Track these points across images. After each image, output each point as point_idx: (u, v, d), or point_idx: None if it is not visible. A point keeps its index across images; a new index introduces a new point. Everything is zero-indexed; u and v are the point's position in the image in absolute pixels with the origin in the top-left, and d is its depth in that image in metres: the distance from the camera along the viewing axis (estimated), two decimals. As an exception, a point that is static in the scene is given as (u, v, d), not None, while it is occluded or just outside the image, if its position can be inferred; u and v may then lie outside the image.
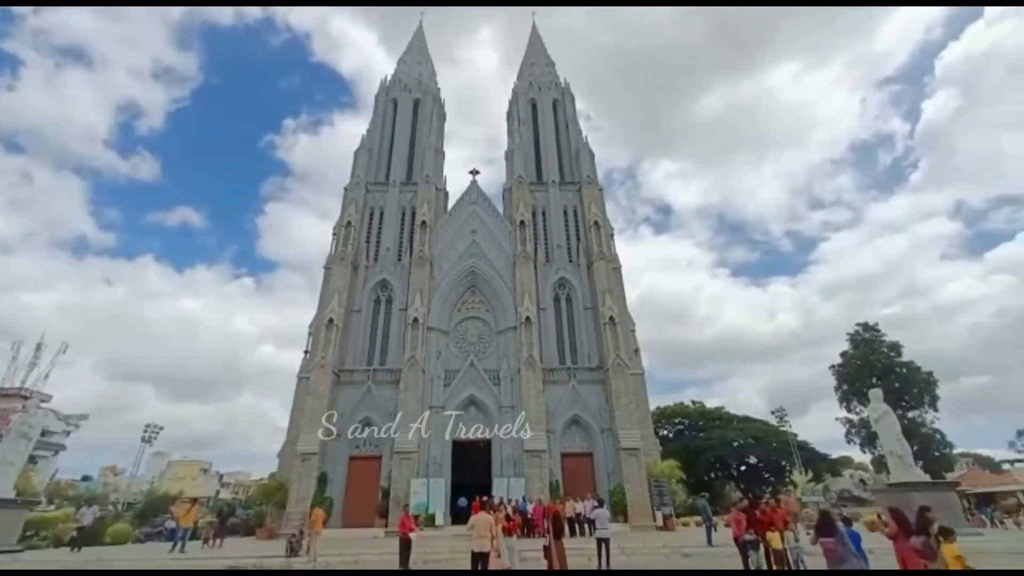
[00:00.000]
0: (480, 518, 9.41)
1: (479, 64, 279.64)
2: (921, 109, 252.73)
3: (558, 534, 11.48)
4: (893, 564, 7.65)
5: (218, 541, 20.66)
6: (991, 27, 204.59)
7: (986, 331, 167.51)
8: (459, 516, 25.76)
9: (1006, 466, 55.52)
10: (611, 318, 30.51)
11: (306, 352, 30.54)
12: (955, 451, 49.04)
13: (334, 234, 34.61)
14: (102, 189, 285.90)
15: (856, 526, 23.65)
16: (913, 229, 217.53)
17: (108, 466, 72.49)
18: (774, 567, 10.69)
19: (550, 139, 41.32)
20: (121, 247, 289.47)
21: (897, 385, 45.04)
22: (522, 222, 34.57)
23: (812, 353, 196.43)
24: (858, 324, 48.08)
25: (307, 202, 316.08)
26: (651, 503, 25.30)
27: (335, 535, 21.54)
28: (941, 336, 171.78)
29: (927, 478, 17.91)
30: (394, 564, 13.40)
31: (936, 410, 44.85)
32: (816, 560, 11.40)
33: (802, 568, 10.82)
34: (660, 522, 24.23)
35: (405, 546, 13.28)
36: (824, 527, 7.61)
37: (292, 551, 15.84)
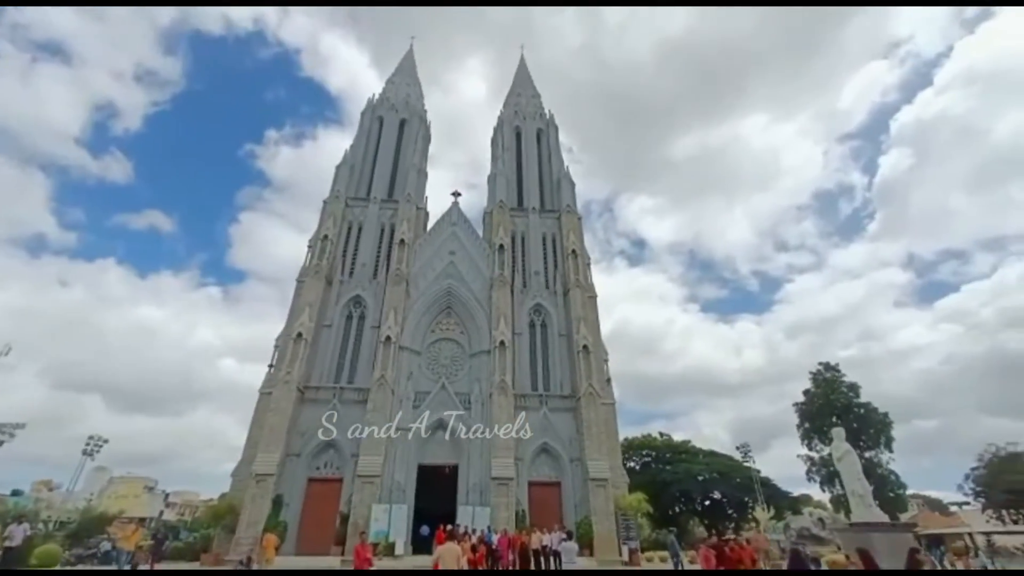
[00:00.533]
0: (447, 549, 9.04)
1: (466, 91, 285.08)
2: (878, 164, 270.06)
3: (525, 568, 11.13)
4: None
5: (152, 565, 19.29)
6: (940, 95, 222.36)
7: (935, 376, 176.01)
8: (420, 545, 24.82)
9: (954, 508, 57.34)
10: (585, 346, 30.63)
11: (271, 366, 29.40)
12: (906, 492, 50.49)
13: (309, 247, 33.95)
14: (68, 188, 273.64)
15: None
16: (870, 276, 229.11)
17: (42, 480, 66.98)
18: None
19: (532, 167, 42.10)
20: (82, 248, 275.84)
21: (855, 425, 46.27)
22: (501, 246, 34.75)
23: (775, 390, 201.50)
24: (820, 363, 49.62)
25: (284, 215, 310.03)
26: (617, 536, 24.94)
27: (287, 562, 20.37)
28: (894, 379, 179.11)
29: (886, 519, 18.22)
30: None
31: (891, 451, 46.11)
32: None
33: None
34: (626, 556, 23.83)
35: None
36: (795, 565, 7.63)
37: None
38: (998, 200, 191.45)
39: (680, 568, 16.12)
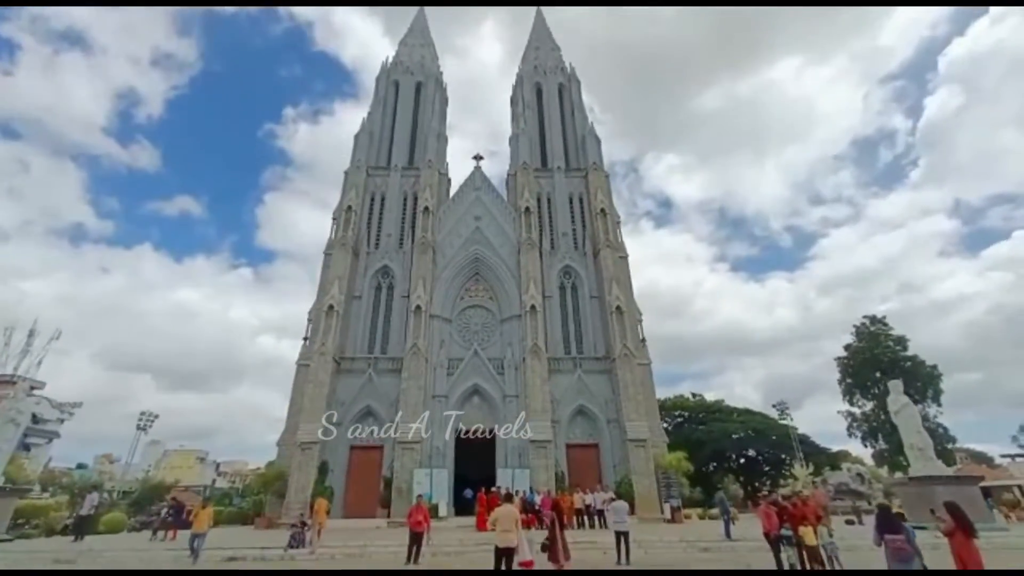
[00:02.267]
0: (504, 511, 8.73)
1: (481, 56, 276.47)
2: (923, 106, 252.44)
3: (561, 525, 10.82)
4: (945, 561, 7.06)
5: (171, 534, 19.09)
6: (995, 25, 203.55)
7: (980, 328, 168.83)
8: (463, 508, 25.28)
9: (1004, 460, 55.53)
10: (618, 307, 29.87)
11: (305, 339, 29.76)
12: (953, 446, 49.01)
13: (334, 219, 33.69)
14: (100, 178, 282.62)
15: (867, 518, 23.20)
16: (912, 226, 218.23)
17: (103, 454, 71.72)
18: (808, 564, 10.08)
19: (555, 125, 40.39)
20: (119, 236, 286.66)
21: (902, 379, 44.72)
22: (527, 209, 33.77)
23: (808, 348, 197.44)
24: (865, 316, 47.63)
25: (307, 192, 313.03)
26: (659, 495, 24.83)
27: (337, 525, 20.94)
28: (937, 332, 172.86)
29: (949, 471, 17.41)
30: (401, 556, 12.81)
31: (940, 405, 44.53)
32: (851, 556, 10.86)
33: (838, 565, 10.22)
34: (668, 515, 23.74)
35: (415, 538, 12.68)
36: (888, 524, 6.97)
37: (296, 543, 15.19)
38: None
39: (732, 524, 15.72)
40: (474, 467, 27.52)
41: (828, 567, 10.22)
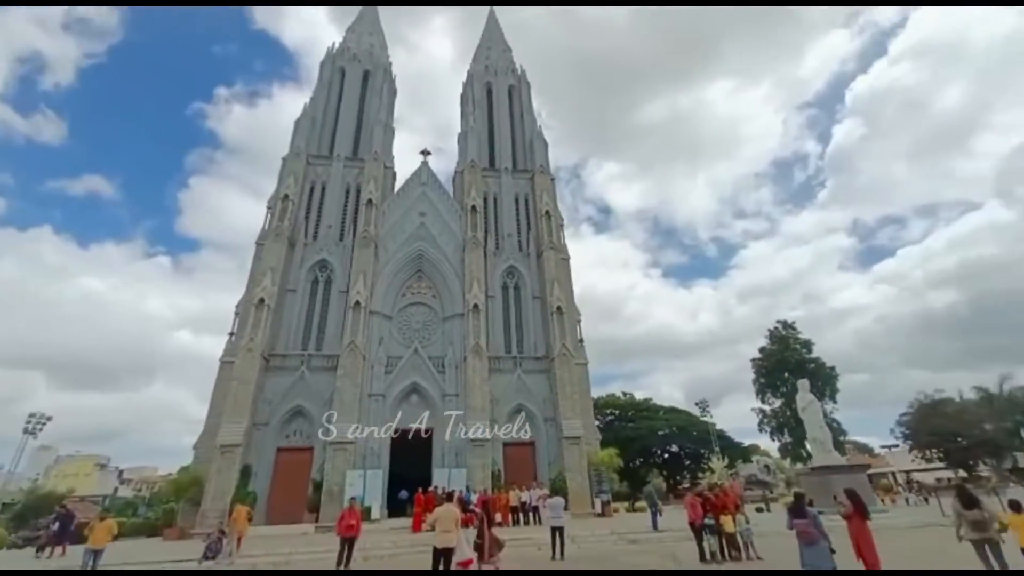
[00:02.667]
0: (444, 510, 8.70)
1: (432, 51, 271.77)
2: (832, 134, 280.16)
3: (490, 523, 11.00)
4: (843, 541, 7.98)
5: (60, 550, 17.37)
6: (892, 66, 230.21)
7: (868, 335, 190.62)
8: (397, 510, 24.80)
9: (883, 451, 63.00)
10: (559, 307, 30.63)
11: (231, 334, 27.82)
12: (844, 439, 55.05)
13: (269, 207, 31.76)
14: None
15: (775, 505, 25.44)
16: (817, 242, 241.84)
17: (-21, 461, 62.63)
18: (727, 550, 10.95)
19: (504, 125, 40.63)
20: (13, 216, 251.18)
21: (807, 379, 49.46)
22: (473, 207, 33.74)
23: (727, 350, 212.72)
24: (778, 321, 52.00)
25: (239, 178, 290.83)
26: (590, 490, 25.75)
27: (260, 533, 19.81)
28: (834, 338, 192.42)
29: (843, 461, 19.60)
30: (329, 562, 12.38)
31: (836, 402, 49.65)
32: (763, 540, 11.91)
33: (752, 550, 11.17)
34: (599, 509, 24.68)
35: (346, 543, 12.28)
36: (798, 510, 7.75)
37: (212, 553, 14.14)
38: (935, 170, 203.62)
39: (659, 516, 16.66)
40: (410, 467, 27.05)
41: (744, 552, 11.17)
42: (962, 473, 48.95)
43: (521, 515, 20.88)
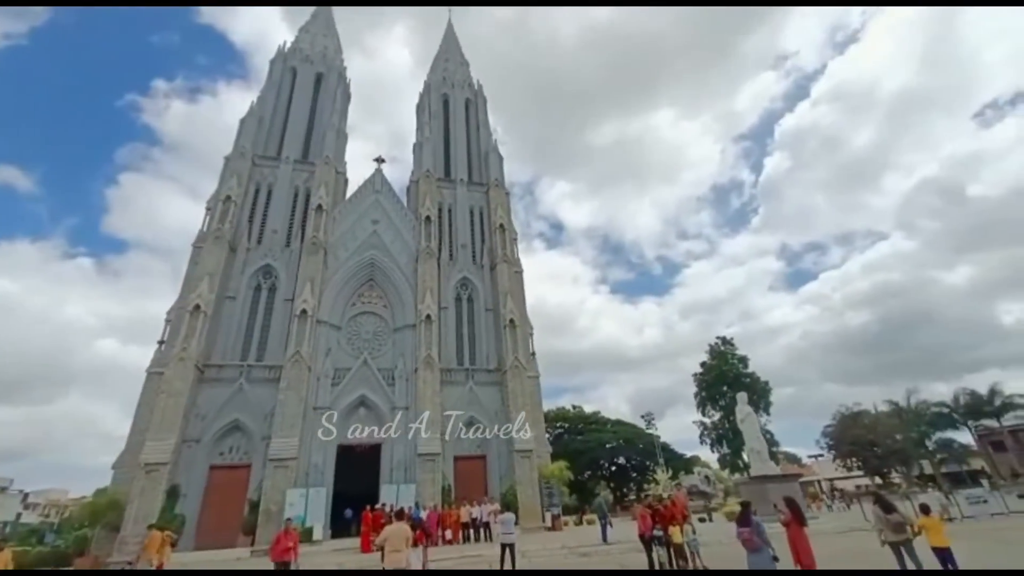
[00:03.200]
0: (394, 529, 8.39)
1: (390, 57, 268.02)
2: (763, 164, 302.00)
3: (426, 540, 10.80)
4: (782, 547, 8.47)
5: None
6: (814, 107, 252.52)
7: (794, 351, 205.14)
8: (341, 529, 23.75)
9: (809, 460, 67.61)
10: (512, 320, 30.79)
11: (161, 343, 25.78)
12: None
13: (208, 209, 29.95)
14: None
15: (717, 515, 26.55)
16: (751, 263, 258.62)
17: None
18: (675, 561, 11.28)
19: (460, 138, 40.75)
20: None
21: (745, 392, 52.40)
22: (428, 217, 33.44)
23: (670, 364, 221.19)
24: (717, 337, 54.80)
25: (176, 178, 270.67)
26: (541, 504, 25.81)
27: (187, 559, 18.31)
28: (766, 354, 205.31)
29: (777, 471, 20.85)
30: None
31: (769, 414, 52.78)
32: (708, 550, 12.38)
33: (699, 559, 11.56)
34: (549, 523, 24.78)
35: (281, 569, 11.49)
36: (743, 519, 8.14)
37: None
38: (850, 202, 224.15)
39: (609, 528, 16.94)
40: (357, 484, 26.02)
41: (691, 561, 11.54)
42: (878, 480, 53.31)
43: (472, 531, 20.54)
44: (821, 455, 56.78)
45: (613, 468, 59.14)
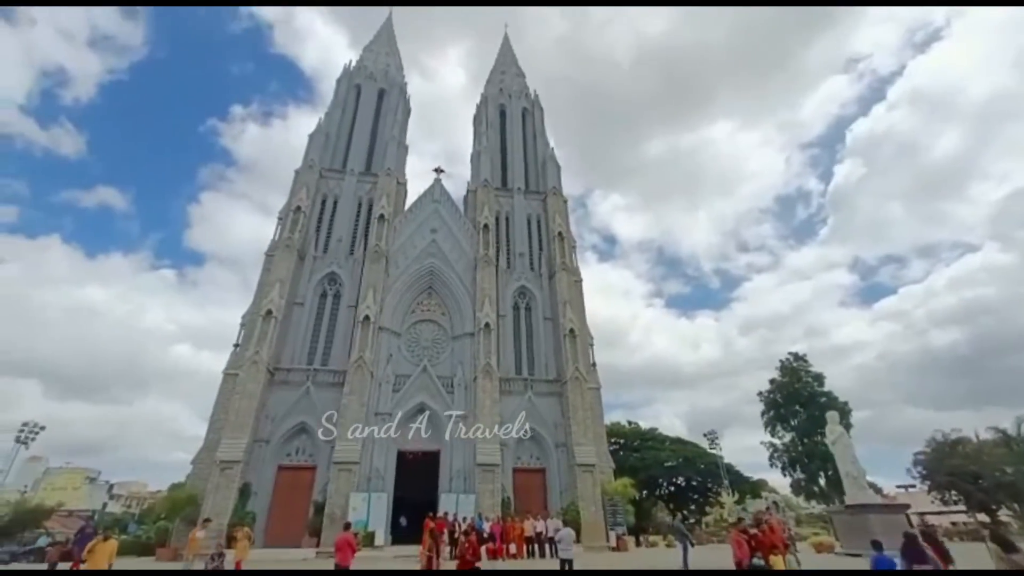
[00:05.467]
0: None
1: (445, 79, 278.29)
2: (833, 172, 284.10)
3: (438, 551, 10.19)
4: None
5: (76, 565, 15.66)
6: (891, 111, 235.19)
7: (869, 371, 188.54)
8: (400, 536, 23.60)
9: (899, 491, 60.93)
10: (571, 330, 29.94)
11: (236, 346, 27.07)
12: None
13: (280, 219, 31.46)
14: (10, 158, 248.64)
15: (802, 545, 24.15)
16: (818, 277, 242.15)
17: (-37, 472, 60.64)
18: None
19: (517, 147, 40.76)
20: (22, 224, 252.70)
21: (816, 413, 48.12)
22: (485, 225, 33.44)
23: (728, 383, 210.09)
24: (789, 353, 51.08)
25: (249, 195, 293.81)
26: (605, 522, 24.53)
27: (258, 556, 18.67)
28: (835, 373, 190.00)
29: (880, 500, 18.51)
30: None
31: (850, 437, 48.04)
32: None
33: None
34: (613, 542, 23.48)
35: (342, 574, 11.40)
36: (915, 553, 6.93)
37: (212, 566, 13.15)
38: (932, 212, 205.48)
39: (690, 548, 15.54)
40: (415, 490, 25.95)
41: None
42: (983, 517, 47.05)
43: (536, 546, 19.70)
44: (913, 486, 51.05)
45: (671, 489, 56.04)
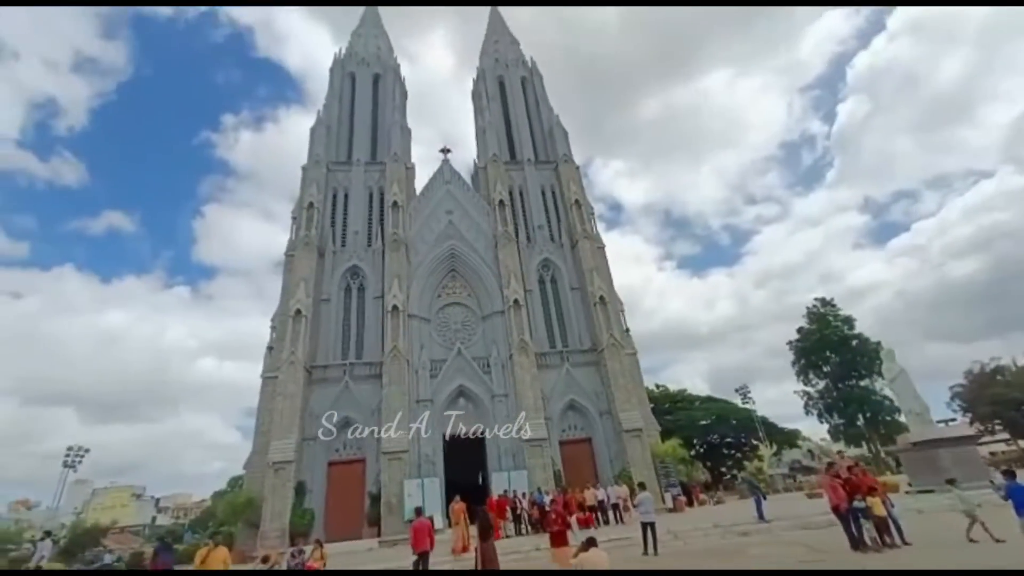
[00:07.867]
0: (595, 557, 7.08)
1: (433, 62, 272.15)
2: (836, 113, 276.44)
3: (486, 535, 9.87)
4: None
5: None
6: (892, 41, 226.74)
7: (887, 311, 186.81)
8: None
9: (940, 425, 60.64)
10: (601, 297, 29.43)
11: (270, 349, 26.92)
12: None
13: (294, 218, 30.93)
14: (14, 194, 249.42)
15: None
16: (829, 221, 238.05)
17: (19, 500, 62.41)
18: (879, 535, 9.62)
19: (521, 118, 39.59)
20: (35, 257, 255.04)
21: (849, 356, 47.60)
22: (500, 201, 32.70)
23: (745, 337, 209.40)
24: (816, 299, 50.36)
25: (250, 203, 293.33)
26: (659, 484, 24.41)
27: (329, 550, 18.73)
28: (854, 316, 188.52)
29: (950, 434, 18.00)
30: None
31: (883, 378, 47.51)
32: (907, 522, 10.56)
33: (902, 534, 9.83)
34: (670, 503, 23.39)
35: (423, 559, 11.31)
36: None
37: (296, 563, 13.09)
38: (942, 142, 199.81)
39: (763, 500, 15.27)
40: (464, 472, 25.99)
41: (895, 537, 9.83)
42: (1026, 442, 46.72)
43: (600, 515, 19.59)
44: (954, 419, 50.62)
45: (703, 448, 56.19)
